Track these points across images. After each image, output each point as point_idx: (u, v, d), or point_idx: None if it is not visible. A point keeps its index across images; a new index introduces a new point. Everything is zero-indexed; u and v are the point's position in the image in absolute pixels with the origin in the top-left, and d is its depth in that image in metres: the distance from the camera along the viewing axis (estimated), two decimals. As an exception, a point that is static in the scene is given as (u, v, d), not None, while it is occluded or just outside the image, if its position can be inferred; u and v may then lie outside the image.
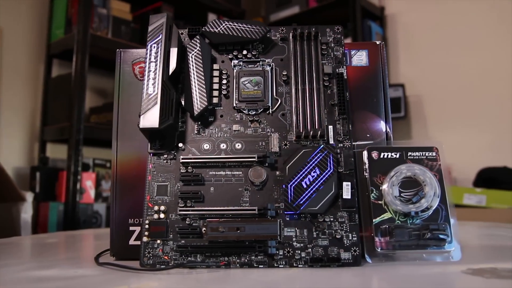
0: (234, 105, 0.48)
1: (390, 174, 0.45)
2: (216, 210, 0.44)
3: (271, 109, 0.48)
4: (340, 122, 0.47)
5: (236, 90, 0.49)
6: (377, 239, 0.43)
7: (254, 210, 0.44)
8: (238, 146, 0.47)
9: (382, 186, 0.45)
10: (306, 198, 0.43)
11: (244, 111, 0.48)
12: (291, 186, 0.44)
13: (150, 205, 0.45)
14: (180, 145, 0.47)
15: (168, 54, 0.47)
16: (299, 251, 0.43)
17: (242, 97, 0.48)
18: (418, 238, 0.43)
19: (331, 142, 0.46)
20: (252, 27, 0.49)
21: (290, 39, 0.50)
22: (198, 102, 0.47)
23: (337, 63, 0.49)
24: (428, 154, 0.46)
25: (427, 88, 2.02)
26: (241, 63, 0.50)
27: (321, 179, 0.44)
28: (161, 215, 0.45)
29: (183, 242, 0.44)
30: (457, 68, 1.92)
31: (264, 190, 0.45)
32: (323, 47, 0.50)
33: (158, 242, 0.44)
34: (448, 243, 0.43)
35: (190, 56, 0.48)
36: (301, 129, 0.47)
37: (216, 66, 0.49)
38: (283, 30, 0.51)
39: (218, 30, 0.49)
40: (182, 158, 0.46)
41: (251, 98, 0.48)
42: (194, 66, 0.48)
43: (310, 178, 0.44)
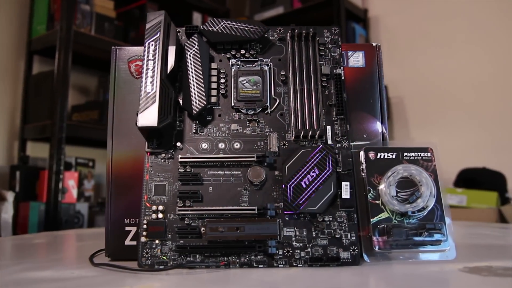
0: (233, 104, 0.48)
1: (387, 174, 0.46)
2: (215, 210, 0.44)
3: (270, 109, 0.48)
4: (338, 122, 0.47)
5: (234, 89, 0.49)
6: (375, 239, 0.44)
7: (254, 210, 0.43)
8: (237, 145, 0.47)
9: (379, 186, 0.46)
10: (305, 197, 0.44)
11: (242, 111, 0.48)
12: (291, 186, 0.44)
13: (148, 204, 0.44)
14: (178, 144, 0.46)
15: (166, 52, 0.47)
16: (299, 251, 0.43)
17: (241, 96, 0.48)
18: (415, 237, 0.44)
19: (330, 142, 0.47)
20: (250, 27, 0.49)
21: (288, 40, 0.50)
22: (197, 101, 0.46)
23: (334, 64, 0.50)
24: (423, 154, 0.47)
25: (409, 89, 2.05)
26: (239, 63, 0.50)
27: (320, 179, 0.44)
28: (159, 215, 0.44)
29: (182, 242, 0.43)
30: (438, 70, 1.96)
31: (263, 190, 0.45)
32: (321, 48, 0.50)
33: (157, 242, 0.43)
34: (444, 242, 0.44)
35: (188, 54, 0.48)
36: (300, 129, 0.47)
37: (214, 65, 0.49)
38: (281, 30, 0.51)
39: (216, 29, 0.49)
40: (180, 158, 0.45)
41: (250, 97, 0.48)
42: (192, 65, 0.47)
43: (309, 178, 0.44)
